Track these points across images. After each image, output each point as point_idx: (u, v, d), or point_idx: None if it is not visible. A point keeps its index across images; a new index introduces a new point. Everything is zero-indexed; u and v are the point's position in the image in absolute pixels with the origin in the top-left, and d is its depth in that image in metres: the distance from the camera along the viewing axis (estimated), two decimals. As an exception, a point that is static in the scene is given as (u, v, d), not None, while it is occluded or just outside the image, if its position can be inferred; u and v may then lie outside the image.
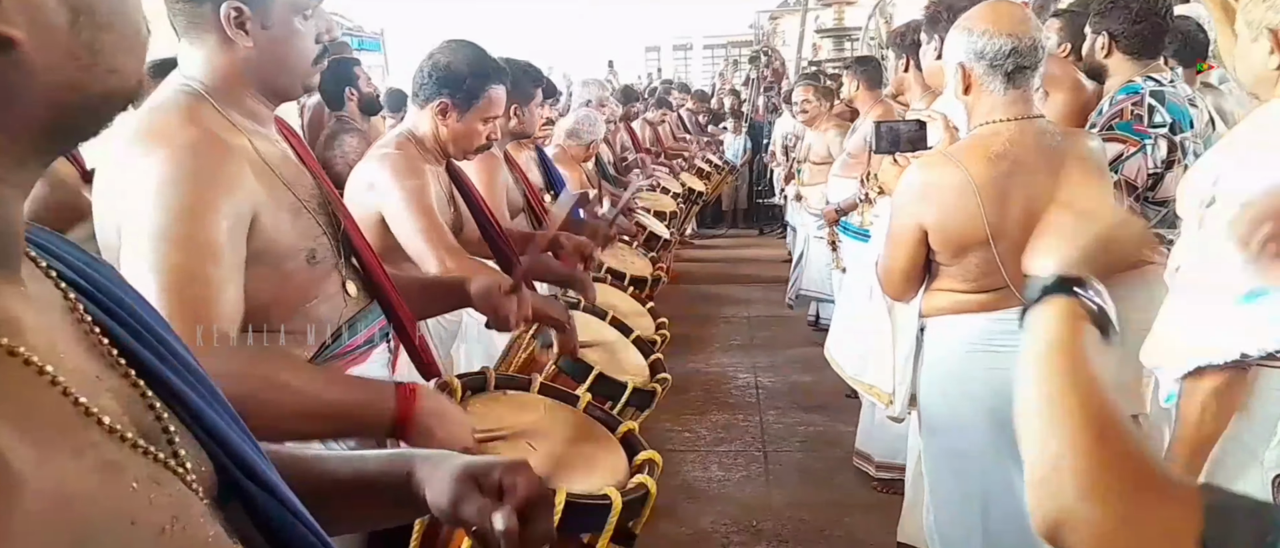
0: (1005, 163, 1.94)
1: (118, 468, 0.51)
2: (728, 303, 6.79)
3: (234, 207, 1.22)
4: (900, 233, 2.08)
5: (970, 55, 1.96)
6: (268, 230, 1.28)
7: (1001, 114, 1.97)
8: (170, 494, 0.54)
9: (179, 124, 1.24)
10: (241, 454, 0.63)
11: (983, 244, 1.97)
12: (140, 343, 0.60)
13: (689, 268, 8.04)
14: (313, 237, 1.37)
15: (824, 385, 4.49)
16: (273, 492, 0.65)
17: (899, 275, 2.12)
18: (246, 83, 1.35)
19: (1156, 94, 2.45)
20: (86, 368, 0.54)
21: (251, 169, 1.27)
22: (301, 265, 1.35)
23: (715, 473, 3.73)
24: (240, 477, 0.63)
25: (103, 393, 0.54)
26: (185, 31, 1.32)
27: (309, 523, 0.67)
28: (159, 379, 0.59)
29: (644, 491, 1.30)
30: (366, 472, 0.87)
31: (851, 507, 3.38)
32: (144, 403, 0.58)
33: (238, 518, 0.63)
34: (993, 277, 2.01)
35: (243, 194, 1.24)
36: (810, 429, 4.19)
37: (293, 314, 1.35)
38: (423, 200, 2.07)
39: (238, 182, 1.24)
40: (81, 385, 0.51)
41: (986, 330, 2.05)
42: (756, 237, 9.96)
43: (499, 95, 2.22)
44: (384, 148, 2.18)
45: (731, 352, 5.52)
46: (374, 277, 1.52)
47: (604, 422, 1.57)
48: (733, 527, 3.25)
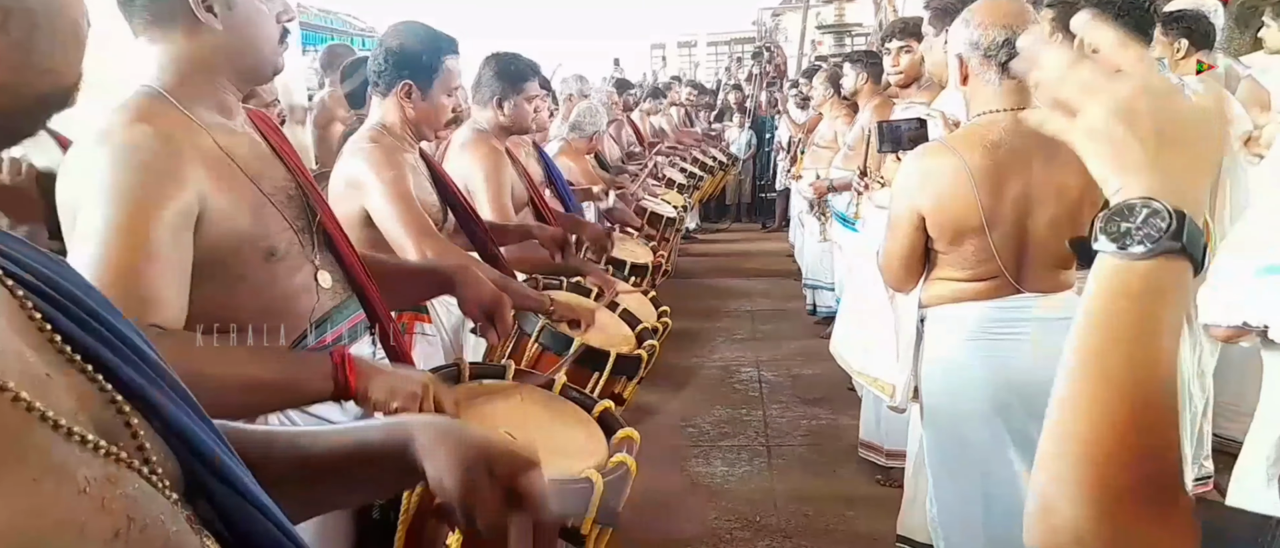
0: (1001, 152, 1.97)
1: (64, 472, 0.48)
2: (731, 297, 6.80)
3: (177, 204, 1.22)
4: (899, 220, 2.10)
5: (967, 46, 2.01)
6: (217, 227, 1.27)
7: (998, 104, 2.01)
8: (127, 494, 0.52)
9: (125, 122, 1.24)
10: (204, 450, 0.61)
11: (978, 231, 1.99)
12: (96, 339, 0.58)
13: (692, 262, 8.06)
14: (274, 232, 1.35)
15: (827, 379, 4.50)
16: (235, 487, 0.63)
17: (899, 263, 2.14)
18: (215, 70, 1.34)
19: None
20: (36, 367, 0.52)
21: (204, 165, 1.27)
22: (259, 262, 1.33)
23: (718, 468, 3.73)
24: (203, 472, 0.61)
25: (55, 391, 0.51)
26: (147, 28, 1.32)
27: (274, 516, 0.65)
28: (118, 376, 0.57)
29: (624, 469, 1.30)
30: (366, 442, 0.85)
31: (856, 501, 3.39)
32: (103, 398, 0.56)
33: (209, 514, 0.62)
34: (989, 264, 2.03)
35: (188, 191, 1.23)
36: (814, 423, 4.20)
37: (258, 312, 1.34)
38: (401, 188, 2.10)
39: (181, 179, 1.23)
40: (30, 385, 0.49)
41: (986, 318, 2.07)
42: (760, 231, 9.97)
43: (455, 65, 2.26)
44: (359, 143, 2.19)
45: (735, 346, 5.53)
46: (352, 273, 1.51)
47: (580, 403, 1.57)
48: (736, 522, 3.26)
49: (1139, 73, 0.66)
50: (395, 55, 2.19)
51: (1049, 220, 2.01)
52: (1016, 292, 2.05)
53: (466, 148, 2.78)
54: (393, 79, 2.20)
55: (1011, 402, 2.08)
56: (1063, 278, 2.12)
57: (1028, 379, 2.08)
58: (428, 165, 2.36)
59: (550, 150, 4.27)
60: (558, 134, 4.66)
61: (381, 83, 2.22)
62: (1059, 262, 2.09)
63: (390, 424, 0.87)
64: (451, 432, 0.83)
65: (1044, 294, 2.07)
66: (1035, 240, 2.02)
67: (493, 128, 2.85)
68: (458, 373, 1.58)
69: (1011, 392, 2.08)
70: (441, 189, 2.35)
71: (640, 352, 2.02)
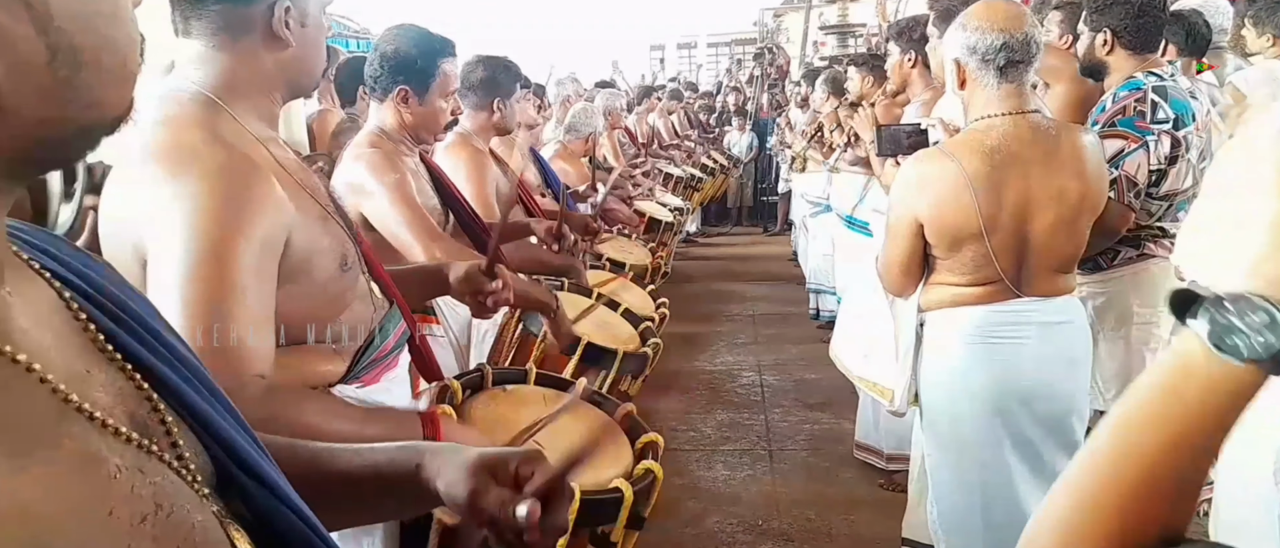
0: (999, 157, 1.97)
1: (97, 459, 0.51)
2: (732, 300, 6.79)
3: (267, 233, 1.17)
4: (897, 225, 2.10)
5: (964, 50, 2.00)
6: (303, 246, 1.24)
7: (995, 109, 2.00)
8: (156, 483, 0.54)
9: (205, 143, 1.17)
10: (235, 447, 0.64)
11: (977, 237, 1.99)
12: (136, 340, 0.60)
13: (693, 266, 8.05)
14: (341, 242, 1.34)
15: (829, 383, 4.49)
16: (264, 482, 0.65)
17: (898, 268, 2.14)
18: (273, 84, 1.30)
19: (1159, 89, 2.44)
20: (76, 364, 0.55)
21: (279, 185, 1.21)
22: (336, 273, 1.32)
23: (720, 472, 3.73)
24: (234, 469, 0.64)
25: (94, 388, 0.54)
26: (212, 34, 1.24)
27: (304, 515, 0.67)
28: (155, 374, 0.60)
29: (651, 477, 1.34)
30: (378, 463, 0.88)
31: (857, 504, 3.38)
32: (140, 396, 0.59)
33: (238, 510, 0.64)
34: (988, 269, 2.03)
35: (275, 216, 1.19)
36: (815, 427, 4.20)
37: (329, 323, 1.33)
38: (404, 192, 2.10)
39: (269, 204, 1.18)
40: (69, 380, 0.51)
41: (985, 322, 2.07)
42: (761, 234, 9.96)
43: (452, 68, 2.25)
44: (359, 148, 2.19)
45: (736, 350, 5.52)
46: (379, 277, 1.51)
47: (602, 406, 1.59)
48: (738, 526, 3.26)
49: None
50: (391, 60, 2.19)
51: (1048, 225, 2.01)
52: (1016, 296, 2.05)
53: (448, 151, 2.78)
54: (389, 84, 2.19)
55: (1011, 405, 2.08)
56: (1062, 282, 2.11)
57: (1027, 383, 2.08)
58: (427, 168, 2.36)
59: (546, 153, 4.27)
60: (553, 137, 4.65)
61: (378, 87, 2.21)
62: (1058, 266, 2.09)
63: (401, 448, 0.90)
64: (455, 449, 0.86)
65: (1043, 298, 2.07)
66: (1034, 245, 2.02)
67: (477, 130, 2.86)
68: (481, 379, 1.59)
69: (1011, 395, 2.08)
70: (442, 191, 2.36)
71: (645, 349, 2.03)
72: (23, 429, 0.47)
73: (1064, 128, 2.08)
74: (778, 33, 15.17)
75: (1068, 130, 2.08)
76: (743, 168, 9.97)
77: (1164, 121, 2.42)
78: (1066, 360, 2.12)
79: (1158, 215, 2.53)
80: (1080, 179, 2.02)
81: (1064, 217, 2.01)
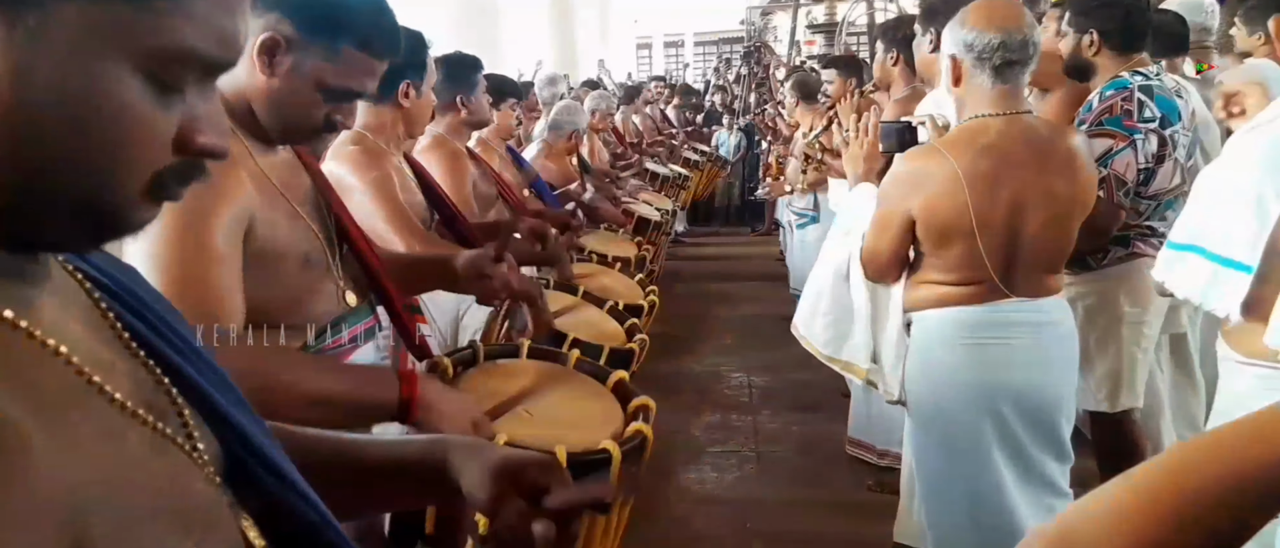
0: (992, 156, 1.96)
1: (118, 435, 0.55)
2: (720, 301, 6.77)
3: (232, 213, 1.26)
4: (888, 220, 2.08)
5: (961, 48, 2.00)
6: (265, 237, 1.32)
7: (990, 108, 2.00)
8: (170, 463, 0.58)
9: None
10: (247, 436, 0.67)
11: (967, 235, 1.98)
12: (156, 335, 0.64)
13: (681, 266, 8.03)
14: (308, 241, 1.40)
15: (819, 385, 4.47)
16: (274, 470, 0.68)
17: (884, 258, 2.13)
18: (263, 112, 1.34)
19: (1145, 89, 2.45)
20: (101, 353, 0.58)
21: (248, 177, 1.31)
22: (295, 271, 1.38)
23: (708, 474, 3.71)
24: (246, 457, 0.67)
25: (116, 375, 0.58)
26: None
27: (316, 507, 0.70)
28: (174, 369, 0.64)
29: (641, 437, 1.32)
30: (404, 457, 0.92)
31: (846, 507, 3.37)
32: (159, 388, 0.62)
33: (249, 499, 0.67)
34: (976, 269, 2.01)
35: (240, 202, 1.28)
36: (804, 429, 4.18)
37: (290, 311, 1.38)
38: (387, 189, 2.11)
39: (235, 190, 1.27)
40: (94, 366, 0.55)
41: (973, 322, 2.05)
42: (749, 234, 9.95)
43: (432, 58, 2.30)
44: (341, 147, 2.19)
45: (724, 351, 5.50)
46: (371, 271, 1.54)
47: (594, 375, 1.59)
48: (726, 528, 3.24)
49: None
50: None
51: (1039, 225, 2.00)
52: (1004, 296, 2.04)
53: (425, 153, 2.78)
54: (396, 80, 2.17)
55: (999, 406, 2.07)
56: (1050, 282, 2.11)
57: (1015, 384, 2.08)
58: (411, 167, 2.36)
59: (530, 152, 4.24)
60: (538, 135, 4.62)
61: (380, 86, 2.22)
62: (1047, 266, 2.08)
63: (429, 441, 0.94)
64: (483, 448, 0.91)
65: (1032, 299, 2.06)
66: (1025, 245, 2.01)
67: (449, 130, 2.84)
68: (474, 355, 1.60)
69: (999, 396, 2.07)
70: (427, 191, 2.36)
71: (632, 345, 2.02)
72: (46, 400, 0.50)
73: (1055, 129, 2.09)
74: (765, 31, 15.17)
75: (1059, 131, 2.08)
76: (729, 168, 9.94)
77: (1151, 120, 2.42)
78: (1055, 361, 2.12)
79: (1146, 214, 2.53)
80: (1071, 180, 2.02)
81: (1055, 217, 2.01)
